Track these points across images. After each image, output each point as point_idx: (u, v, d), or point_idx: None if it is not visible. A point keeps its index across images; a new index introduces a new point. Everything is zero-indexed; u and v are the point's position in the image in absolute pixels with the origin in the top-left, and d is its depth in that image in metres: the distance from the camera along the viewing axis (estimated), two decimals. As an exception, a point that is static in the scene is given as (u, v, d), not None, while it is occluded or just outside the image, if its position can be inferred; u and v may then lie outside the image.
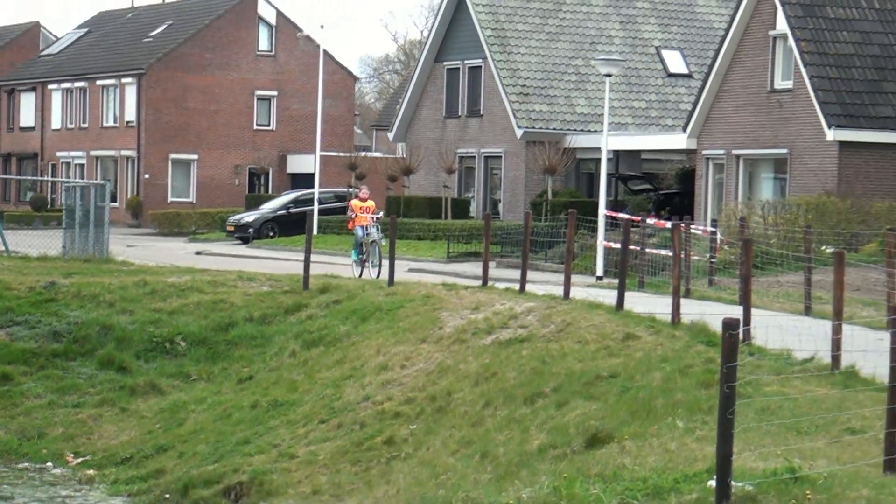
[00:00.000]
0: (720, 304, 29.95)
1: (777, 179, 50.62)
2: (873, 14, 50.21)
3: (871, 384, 18.76)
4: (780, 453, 14.73)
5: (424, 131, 69.03)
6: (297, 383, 29.60)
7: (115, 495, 26.12)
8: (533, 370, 24.95)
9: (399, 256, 38.39)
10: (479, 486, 18.16)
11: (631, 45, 66.52)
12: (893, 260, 27.08)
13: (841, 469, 14.17)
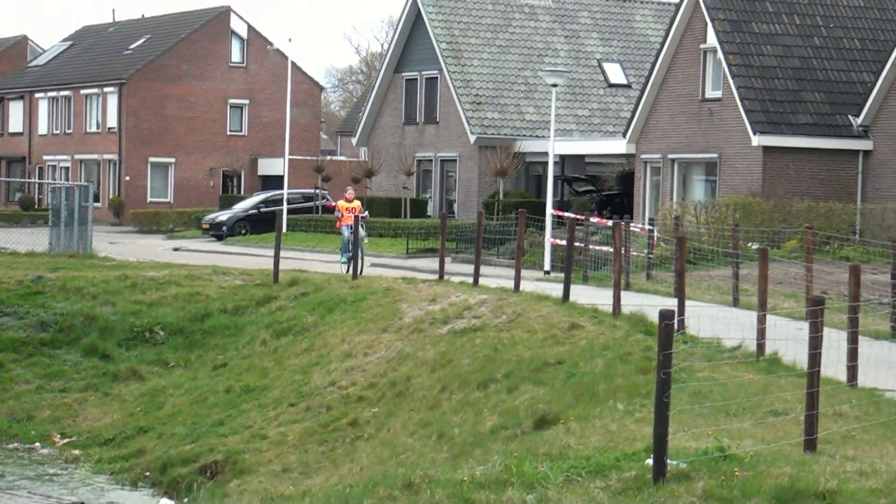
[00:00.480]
0: (657, 296, 30.03)
1: (708, 181, 50.79)
2: (794, 29, 50.49)
3: (793, 370, 18.82)
4: (711, 434, 14.78)
5: (385, 137, 69.01)
6: (268, 370, 29.57)
7: (98, 473, 26.04)
8: (486, 357, 24.97)
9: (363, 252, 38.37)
10: (436, 465, 18.17)
11: (575, 57, 66.63)
12: (812, 256, 27.29)
13: (766, 448, 14.23)
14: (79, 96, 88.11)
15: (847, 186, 48.20)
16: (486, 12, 66.56)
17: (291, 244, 52.68)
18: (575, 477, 13.31)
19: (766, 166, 47.75)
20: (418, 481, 13.34)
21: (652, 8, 70.07)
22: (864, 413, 16.41)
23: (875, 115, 48.19)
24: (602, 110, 65.64)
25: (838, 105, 48.99)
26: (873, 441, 14.89)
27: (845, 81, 49.72)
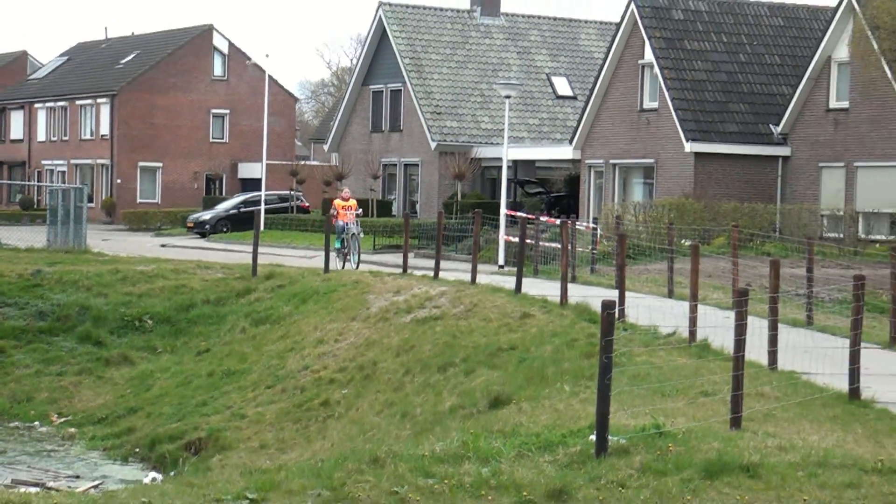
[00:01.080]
0: (600, 288, 30.10)
1: (646, 184, 50.94)
2: (722, 46, 50.72)
3: (720, 355, 18.92)
4: (647, 412, 14.83)
5: (354, 143, 68.93)
6: (247, 355, 29.53)
7: (92, 449, 26.01)
8: (445, 344, 25.01)
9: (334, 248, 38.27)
10: (400, 441, 18.19)
11: (526, 71, 66.68)
12: (737, 251, 27.39)
13: (696, 425, 14.29)
14: (74, 106, 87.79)
15: (768, 189, 48.44)
16: (445, 30, 66.57)
17: (268, 241, 52.51)
18: (526, 452, 13.34)
19: (698, 170, 47.94)
20: (384, 456, 13.35)
21: (595, 27, 70.17)
22: (783, 394, 16.50)
23: (793, 125, 48.44)
24: (551, 119, 65.73)
25: (761, 115, 49.24)
26: (791, 419, 14.98)
27: (767, 94, 49.99)
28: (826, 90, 47.42)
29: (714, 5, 51.96)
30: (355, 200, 39.31)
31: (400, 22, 65.92)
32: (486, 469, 12.61)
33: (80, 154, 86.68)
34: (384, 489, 12.12)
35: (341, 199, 38.36)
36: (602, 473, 12.41)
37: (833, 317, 24.95)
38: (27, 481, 21.51)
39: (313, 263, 37.98)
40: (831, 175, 47.04)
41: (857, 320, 16.64)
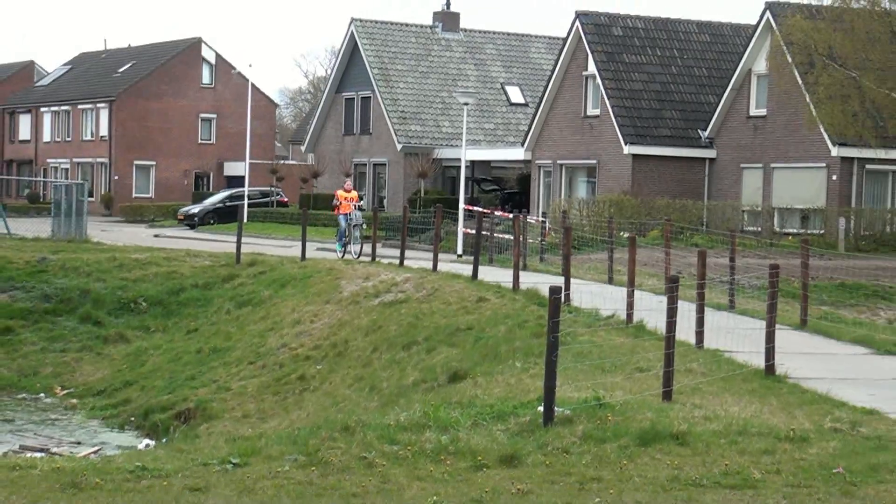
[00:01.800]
0: (548, 275, 30.15)
1: (589, 182, 51.08)
2: (656, 60, 50.90)
3: (654, 335, 18.98)
4: (589, 386, 14.86)
5: (328, 145, 68.84)
6: (232, 334, 29.47)
7: (92, 419, 25.95)
8: (409, 324, 25.01)
9: (309, 239, 38.20)
10: (368, 411, 18.18)
11: (482, 81, 66.71)
12: (669, 243, 27.50)
13: (632, 398, 14.34)
14: (76, 111, 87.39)
15: (697, 187, 48.65)
16: (409, 44, 66.54)
17: (251, 232, 52.33)
18: (481, 421, 13.35)
19: (635, 170, 48.08)
20: (354, 425, 13.35)
21: (544, 41, 70.23)
22: (708, 370, 16.57)
23: (718, 130, 48.66)
24: (504, 124, 65.78)
25: (690, 121, 49.45)
26: (715, 392, 15.04)
27: (695, 102, 50.18)
28: (747, 99, 47.67)
29: (649, 23, 52.13)
30: (356, 192, 37.81)
31: (370, 36, 65.88)
32: (446, 437, 12.62)
33: (81, 153, 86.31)
34: (354, 454, 12.12)
35: (343, 191, 36.70)
36: (549, 441, 12.43)
37: (752, 301, 25.08)
38: (33, 447, 21.42)
39: (292, 252, 37.88)
40: (751, 175, 47.30)
41: (772, 304, 16.74)
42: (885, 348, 19.48)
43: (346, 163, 65.33)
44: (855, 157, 43.95)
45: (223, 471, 11.64)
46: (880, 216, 43.69)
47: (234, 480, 11.24)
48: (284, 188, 71.80)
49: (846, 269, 33.25)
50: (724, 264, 26.66)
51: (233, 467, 11.77)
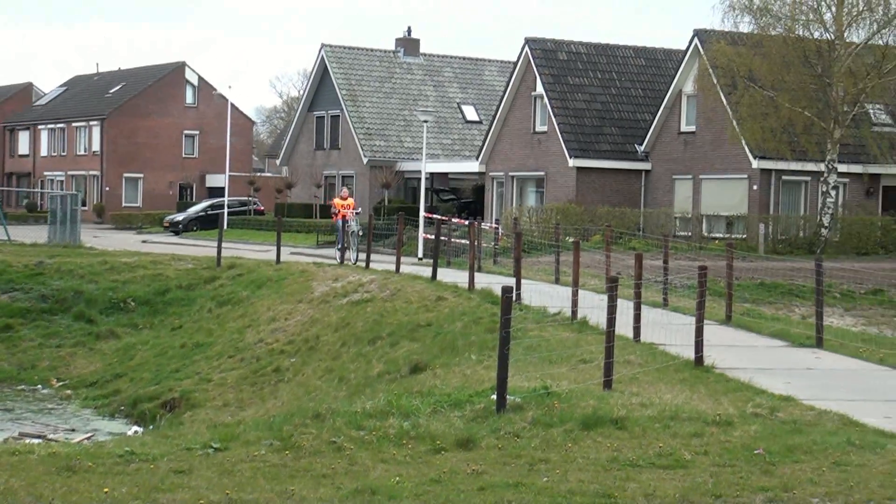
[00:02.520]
0: (501, 276, 30.19)
1: (538, 192, 51.20)
2: (597, 82, 51.08)
3: (596, 330, 19.04)
4: (538, 377, 14.89)
5: (301, 159, 68.68)
6: (213, 330, 29.36)
7: (85, 408, 25.79)
8: (374, 321, 24.99)
9: (284, 244, 38.09)
10: (337, 400, 18.15)
11: (440, 101, 66.73)
12: (610, 246, 27.58)
13: (577, 387, 14.37)
14: (71, 128, 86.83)
15: (634, 196, 48.85)
16: (374, 67, 66.51)
17: (230, 238, 52.14)
18: (439, 408, 13.35)
19: (579, 181, 48.24)
20: (324, 412, 13.32)
21: (497, 65, 70.33)
22: (644, 361, 16.63)
23: (653, 145, 48.91)
24: (461, 140, 65.83)
25: (628, 137, 49.65)
26: (651, 381, 15.11)
27: (633, 120, 50.41)
28: (678, 117, 47.93)
29: (591, 48, 52.32)
30: (353, 199, 35.95)
31: (338, 60, 65.82)
32: (407, 422, 12.61)
33: (75, 167, 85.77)
34: (324, 439, 12.09)
35: (340, 199, 34.90)
36: (501, 426, 12.45)
37: (683, 299, 25.19)
38: (31, 434, 21.25)
39: (267, 256, 37.77)
40: (682, 185, 47.54)
41: (700, 302, 16.82)
42: (799, 341, 19.62)
43: (317, 175, 65.18)
44: (773, 169, 44.28)
45: (205, 455, 11.59)
46: (794, 222, 44.03)
47: (215, 463, 11.19)
48: (261, 198, 71.57)
49: (765, 270, 33.47)
50: (658, 266, 26.78)
51: (214, 451, 11.71)
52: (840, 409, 13.29)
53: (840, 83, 41.67)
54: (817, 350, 18.75)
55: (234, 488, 10.00)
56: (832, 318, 26.89)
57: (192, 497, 9.66)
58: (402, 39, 68.76)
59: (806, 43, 41.95)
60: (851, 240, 43.02)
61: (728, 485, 10.00)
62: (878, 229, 43.89)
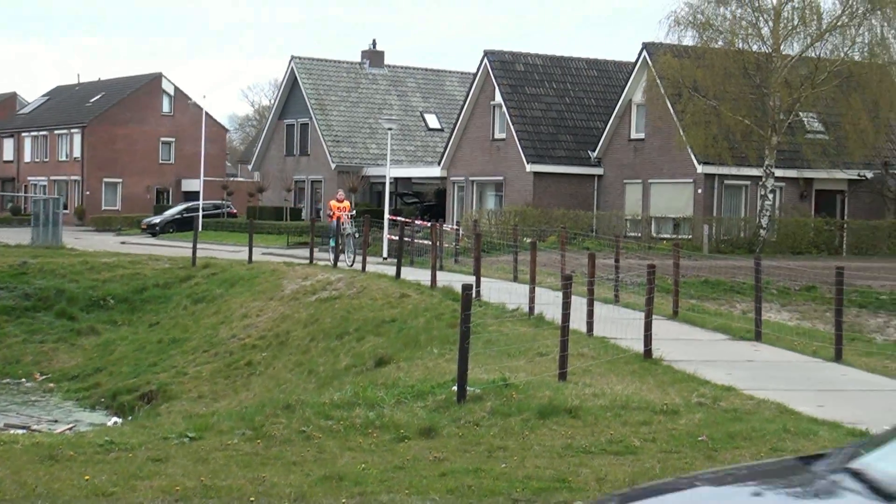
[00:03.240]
0: (461, 274, 30.22)
1: (497, 195, 51.25)
2: (553, 92, 51.20)
3: (551, 325, 19.09)
4: (497, 369, 14.91)
5: (272, 164, 68.44)
6: (188, 326, 29.23)
7: (67, 400, 25.65)
8: (342, 317, 24.96)
9: (255, 245, 37.99)
10: (306, 392, 18.11)
11: (404, 110, 66.70)
12: (565, 246, 27.66)
13: (534, 378, 14.40)
14: (53, 135, 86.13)
15: (587, 199, 49.01)
16: (342, 78, 66.38)
17: (205, 239, 51.81)
18: (403, 399, 13.35)
19: (536, 185, 48.33)
20: (294, 403, 13.28)
21: (457, 76, 70.38)
22: (597, 354, 16.69)
23: (605, 151, 49.08)
24: (423, 147, 65.82)
25: (582, 144, 49.79)
26: (603, 373, 15.16)
27: (586, 127, 50.56)
28: (628, 125, 48.11)
29: (546, 60, 52.44)
30: (349, 202, 34.23)
31: (307, 71, 65.66)
32: (373, 413, 12.60)
33: (57, 172, 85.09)
34: (294, 428, 12.06)
35: (336, 201, 33.35)
36: (462, 415, 12.45)
37: (633, 296, 25.32)
38: (16, 424, 21.10)
39: (240, 256, 37.63)
40: (632, 189, 47.74)
41: (649, 298, 16.91)
42: (739, 335, 19.75)
43: (288, 180, 65.00)
44: (716, 174, 44.54)
45: (181, 444, 11.53)
46: (736, 223, 44.32)
47: (190, 452, 11.13)
48: (234, 202, 71.27)
49: (709, 268, 33.67)
50: (610, 265, 26.88)
51: (189, 440, 11.65)
52: (777, 398, 13.39)
53: (777, 93, 42.00)
54: (756, 343, 18.88)
55: (208, 475, 9.96)
56: (770, 314, 27.08)
57: (169, 484, 9.61)
58: (368, 52, 68.68)
59: (745, 55, 42.25)
60: (787, 240, 43.37)
61: (674, 470, 10.04)
62: (811, 230, 44.28)
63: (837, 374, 16.00)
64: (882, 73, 42.11)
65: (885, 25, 41.97)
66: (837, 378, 15.61)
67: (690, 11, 42.51)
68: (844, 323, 18.41)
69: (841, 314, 17.70)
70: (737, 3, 42.63)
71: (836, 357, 17.26)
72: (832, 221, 45.17)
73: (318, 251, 35.20)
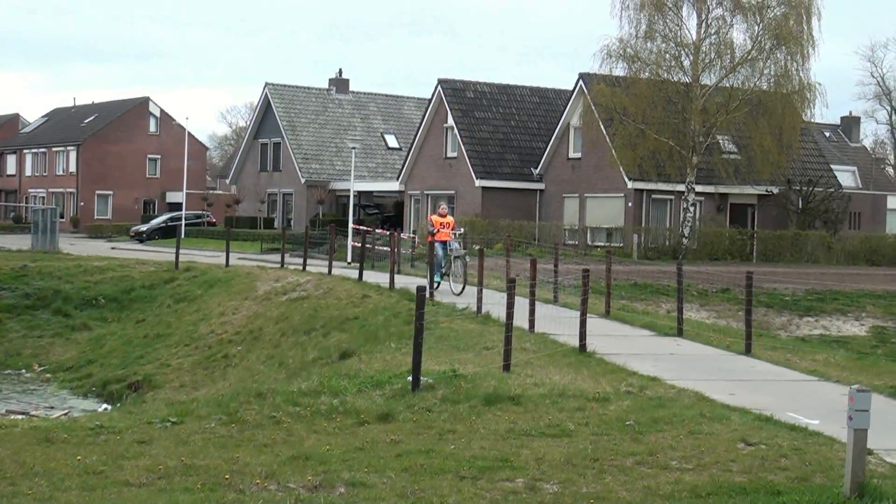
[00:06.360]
0: (417, 277, 30.16)
1: (449, 207, 51.17)
2: (499, 116, 51.34)
3: (497, 322, 19.05)
4: (447, 361, 14.90)
5: (248, 179, 68.08)
6: (171, 323, 29.00)
7: (62, 389, 25.40)
8: (310, 315, 24.85)
9: (232, 251, 37.75)
10: (277, 381, 18.00)
11: (367, 131, 66.62)
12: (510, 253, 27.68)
13: (480, 370, 14.39)
14: (52, 152, 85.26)
15: (531, 211, 49.17)
16: (311, 102, 66.22)
17: (187, 246, 51.37)
18: (364, 388, 13.31)
19: (484, 199, 48.41)
20: (265, 391, 13.21)
21: (414, 101, 70.38)
22: (538, 348, 16.69)
23: (546, 168, 49.27)
24: (384, 164, 65.74)
25: (525, 162, 49.95)
26: (542, 365, 15.16)
27: (529, 147, 50.73)
28: (567, 145, 48.34)
29: (494, 88, 52.56)
30: (452, 218, 25.49)
31: (280, 96, 65.44)
32: (336, 400, 12.55)
33: (55, 185, 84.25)
34: (265, 414, 11.99)
35: (438, 216, 24.76)
36: (416, 402, 12.43)
37: (570, 297, 25.39)
38: (16, 410, 20.83)
39: (218, 261, 37.37)
40: (570, 202, 47.96)
41: (584, 299, 16.95)
42: (664, 331, 19.84)
43: (262, 193, 64.77)
44: (644, 189, 44.85)
45: (164, 427, 11.43)
46: (662, 233, 44.64)
47: (172, 435, 11.03)
48: (213, 212, 70.82)
49: (638, 273, 33.87)
50: (550, 269, 26.97)
51: (171, 425, 11.55)
52: (695, 387, 13.46)
53: (696, 118, 42.40)
54: (678, 339, 18.99)
55: (188, 455, 9.87)
56: (690, 313, 27.29)
57: (153, 463, 9.52)
58: (335, 79, 68.59)
59: (669, 85, 42.62)
60: (706, 248, 43.75)
61: (604, 450, 10.08)
62: (726, 239, 44.70)
63: (747, 366, 16.14)
64: (786, 102, 42.63)
65: (789, 59, 42.49)
66: (747, 370, 15.74)
67: (621, 45, 42.83)
68: (753, 321, 18.59)
69: (750, 313, 17.85)
70: (661, 38, 43.01)
71: (746, 351, 17.40)
72: (744, 231, 45.62)
73: (290, 256, 35.05)
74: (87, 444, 10.54)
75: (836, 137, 75.84)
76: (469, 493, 8.51)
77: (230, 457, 9.82)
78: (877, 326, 29.35)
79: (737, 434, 10.63)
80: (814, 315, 29.91)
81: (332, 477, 8.96)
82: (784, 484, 8.73)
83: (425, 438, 10.76)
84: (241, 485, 8.70)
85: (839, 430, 10.29)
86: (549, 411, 11.92)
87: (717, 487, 8.65)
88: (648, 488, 8.69)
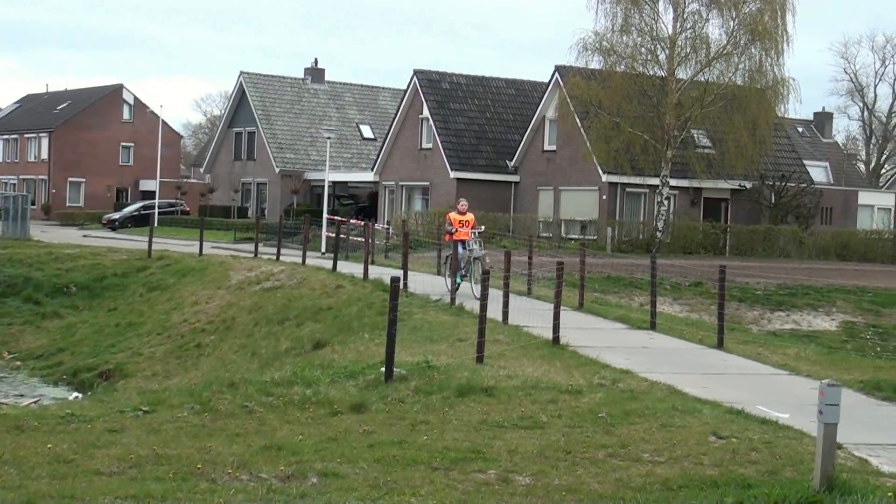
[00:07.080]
0: (391, 268, 30.10)
1: (423, 199, 51.22)
2: (475, 107, 51.29)
3: (471, 314, 19.09)
4: (421, 353, 14.90)
5: (222, 167, 67.74)
6: (144, 312, 28.85)
7: (33, 377, 25.22)
8: (283, 305, 24.80)
9: (206, 240, 37.55)
10: (250, 371, 17.95)
11: (342, 121, 66.41)
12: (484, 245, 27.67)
13: (454, 361, 14.41)
14: (23, 139, 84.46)
15: (506, 203, 49.17)
16: (286, 92, 65.93)
17: (160, 234, 51.07)
18: (337, 379, 13.29)
19: (459, 190, 48.35)
20: (238, 381, 13.16)
21: (390, 91, 70.20)
22: (511, 340, 16.72)
23: (521, 160, 49.28)
24: (359, 154, 65.58)
25: (501, 154, 49.95)
26: (516, 357, 15.20)
27: (504, 139, 50.72)
28: (542, 138, 48.37)
29: (469, 80, 52.50)
30: (472, 214, 23.39)
31: (255, 85, 65.12)
32: (310, 390, 12.53)
33: (27, 172, 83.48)
34: (238, 403, 11.95)
35: (457, 213, 23.08)
36: (389, 393, 12.43)
37: (544, 289, 25.45)
38: (-17, 400, 20.66)
39: (192, 250, 37.18)
40: (545, 195, 48.02)
41: (558, 291, 17.00)
42: (637, 325, 19.92)
43: (236, 182, 64.47)
44: (618, 182, 44.97)
45: (135, 416, 11.36)
46: (635, 226, 44.79)
47: (144, 424, 10.97)
48: (187, 200, 70.43)
49: (612, 266, 33.97)
50: (524, 261, 26.99)
51: (143, 413, 11.49)
52: (668, 380, 13.53)
53: (671, 112, 42.52)
54: (651, 332, 19.07)
55: (160, 444, 9.82)
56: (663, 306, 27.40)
57: (124, 452, 9.46)
58: (310, 69, 68.29)
59: (644, 79, 42.70)
60: (680, 241, 43.93)
61: (577, 442, 10.11)
62: (700, 233, 44.91)
63: (719, 359, 16.23)
64: (760, 97, 42.83)
65: (763, 54, 42.67)
66: (719, 363, 15.83)
67: (597, 39, 42.86)
68: (726, 315, 18.69)
69: (723, 307, 17.95)
70: (637, 32, 43.08)
71: (718, 345, 17.50)
72: (718, 226, 45.85)
73: (264, 246, 34.91)
74: (57, 432, 10.47)
75: (809, 133, 76.32)
76: (441, 485, 8.51)
77: (202, 446, 9.77)
78: (847, 321, 29.59)
79: (708, 427, 10.68)
80: (785, 310, 30.11)
81: (305, 467, 8.94)
82: (754, 477, 8.79)
83: (398, 429, 10.75)
84: (213, 474, 8.66)
85: (809, 424, 10.36)
86: (521, 403, 11.94)
87: (689, 480, 8.69)
88: (620, 480, 8.72)
